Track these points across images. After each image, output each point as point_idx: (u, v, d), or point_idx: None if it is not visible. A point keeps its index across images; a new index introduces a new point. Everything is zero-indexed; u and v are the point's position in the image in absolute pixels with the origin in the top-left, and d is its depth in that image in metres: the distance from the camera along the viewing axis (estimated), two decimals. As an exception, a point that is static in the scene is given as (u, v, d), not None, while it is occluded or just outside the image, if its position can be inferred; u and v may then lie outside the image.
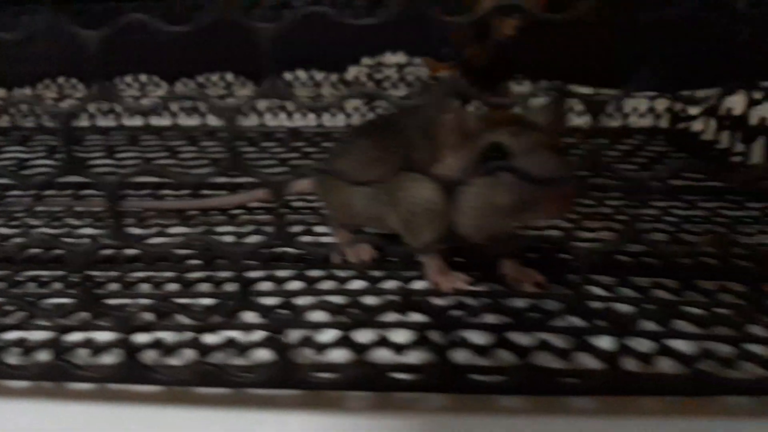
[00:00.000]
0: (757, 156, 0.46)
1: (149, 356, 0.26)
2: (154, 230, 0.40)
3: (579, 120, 0.58)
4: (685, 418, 0.24)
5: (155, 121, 0.64)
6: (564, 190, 0.25)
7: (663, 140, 0.58)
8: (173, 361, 0.26)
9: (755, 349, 0.26)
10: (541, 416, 0.24)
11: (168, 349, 0.27)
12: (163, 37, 0.22)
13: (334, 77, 0.68)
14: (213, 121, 0.63)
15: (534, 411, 0.24)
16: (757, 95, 0.46)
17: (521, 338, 0.27)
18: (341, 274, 0.33)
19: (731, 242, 0.34)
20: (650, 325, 0.27)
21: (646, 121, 0.60)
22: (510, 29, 0.41)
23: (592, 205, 0.42)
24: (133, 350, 0.25)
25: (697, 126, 0.56)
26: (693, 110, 0.56)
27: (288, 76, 0.69)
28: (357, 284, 0.33)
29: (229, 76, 0.69)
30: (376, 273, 0.33)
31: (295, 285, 0.33)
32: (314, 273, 0.33)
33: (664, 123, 0.60)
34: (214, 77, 0.69)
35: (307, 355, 0.27)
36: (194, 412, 0.25)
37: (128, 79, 0.71)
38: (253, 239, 0.38)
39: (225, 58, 0.65)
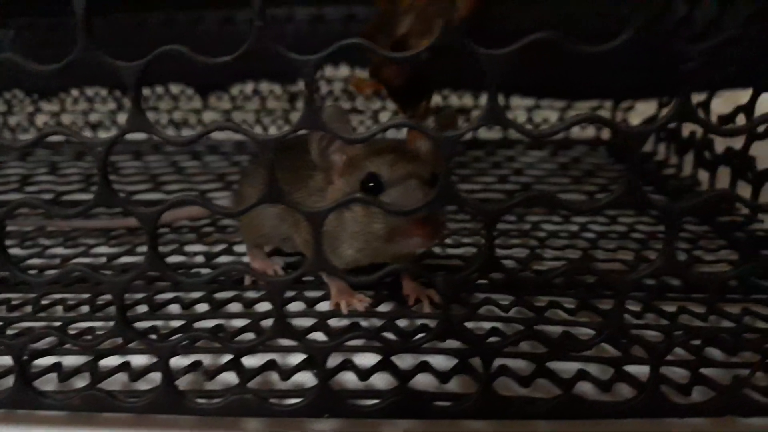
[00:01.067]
0: (689, 168, 0.45)
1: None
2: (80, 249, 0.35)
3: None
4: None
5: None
6: (427, 220, 0.23)
7: (604, 152, 0.56)
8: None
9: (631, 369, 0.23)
10: None
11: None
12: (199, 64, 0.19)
13: (277, 89, 0.60)
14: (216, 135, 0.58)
15: None
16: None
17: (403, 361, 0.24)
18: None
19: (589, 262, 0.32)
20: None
21: (589, 132, 0.58)
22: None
23: (514, 222, 0.39)
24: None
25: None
26: (633, 121, 0.55)
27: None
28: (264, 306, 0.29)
29: (263, 86, 0.60)
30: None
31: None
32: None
33: (606, 134, 0.58)
34: (248, 89, 0.61)
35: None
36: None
37: (159, 89, 0.61)
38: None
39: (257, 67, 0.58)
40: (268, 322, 0.26)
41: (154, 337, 0.26)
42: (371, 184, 0.24)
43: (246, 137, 0.19)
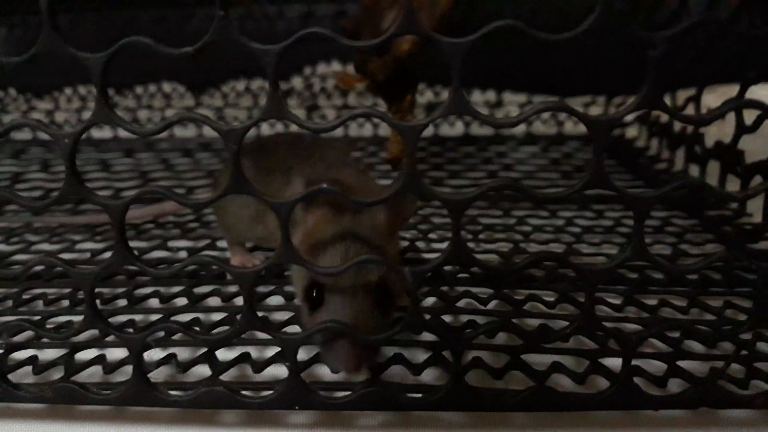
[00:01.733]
0: (680, 163, 0.45)
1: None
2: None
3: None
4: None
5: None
6: (351, 348, 0.20)
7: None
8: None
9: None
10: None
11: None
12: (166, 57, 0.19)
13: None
14: (209, 132, 0.58)
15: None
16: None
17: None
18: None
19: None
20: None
21: (583, 128, 0.58)
22: (406, 45, 0.40)
23: (498, 216, 0.39)
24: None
25: (631, 133, 0.54)
26: (627, 117, 0.55)
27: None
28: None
29: (256, 84, 0.61)
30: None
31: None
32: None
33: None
34: (240, 86, 0.61)
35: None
36: None
37: (152, 88, 0.61)
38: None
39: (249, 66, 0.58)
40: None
41: (129, 330, 0.26)
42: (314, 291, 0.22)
43: (211, 128, 0.19)
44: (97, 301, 0.21)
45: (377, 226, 0.23)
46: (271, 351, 0.25)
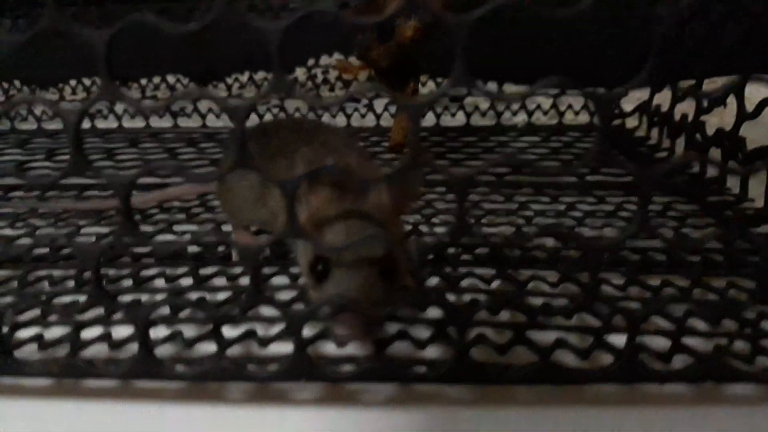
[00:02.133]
0: (681, 151, 0.44)
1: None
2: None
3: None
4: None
5: (155, 123, 0.58)
6: (356, 317, 0.21)
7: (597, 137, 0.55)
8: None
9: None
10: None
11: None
12: (172, 36, 0.19)
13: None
14: (212, 122, 0.58)
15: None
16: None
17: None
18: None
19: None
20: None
21: (583, 118, 0.57)
22: (410, 31, 0.40)
23: (500, 201, 0.39)
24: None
25: (632, 123, 0.54)
26: (626, 107, 0.54)
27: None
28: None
29: (259, 75, 0.61)
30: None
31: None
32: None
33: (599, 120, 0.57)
34: (244, 77, 0.61)
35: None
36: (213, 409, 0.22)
37: (156, 80, 0.61)
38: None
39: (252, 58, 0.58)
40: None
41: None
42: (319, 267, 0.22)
43: (218, 105, 0.19)
44: (103, 281, 0.21)
45: (382, 206, 0.23)
46: (277, 329, 0.25)
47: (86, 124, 0.57)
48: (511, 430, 0.20)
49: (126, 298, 0.27)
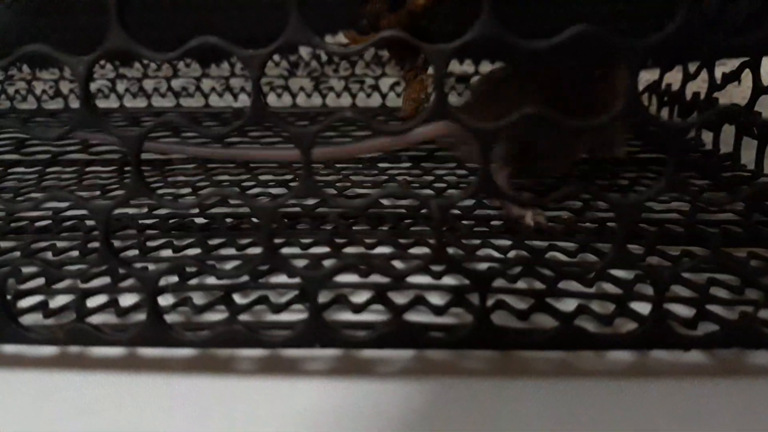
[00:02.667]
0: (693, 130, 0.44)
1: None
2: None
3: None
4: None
5: (157, 102, 0.57)
6: None
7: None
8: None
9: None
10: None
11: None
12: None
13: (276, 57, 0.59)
14: (215, 101, 0.57)
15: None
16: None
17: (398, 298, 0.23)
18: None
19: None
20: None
21: None
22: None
23: None
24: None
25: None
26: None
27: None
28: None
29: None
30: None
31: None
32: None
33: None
34: None
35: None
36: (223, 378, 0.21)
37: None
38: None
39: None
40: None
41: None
42: None
43: (231, 51, 0.18)
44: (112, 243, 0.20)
45: None
46: (288, 296, 0.24)
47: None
48: (530, 401, 0.20)
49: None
